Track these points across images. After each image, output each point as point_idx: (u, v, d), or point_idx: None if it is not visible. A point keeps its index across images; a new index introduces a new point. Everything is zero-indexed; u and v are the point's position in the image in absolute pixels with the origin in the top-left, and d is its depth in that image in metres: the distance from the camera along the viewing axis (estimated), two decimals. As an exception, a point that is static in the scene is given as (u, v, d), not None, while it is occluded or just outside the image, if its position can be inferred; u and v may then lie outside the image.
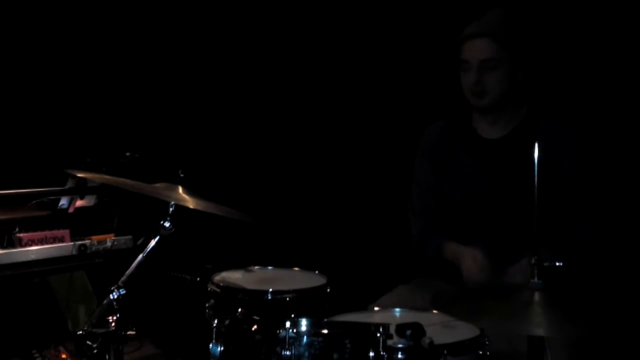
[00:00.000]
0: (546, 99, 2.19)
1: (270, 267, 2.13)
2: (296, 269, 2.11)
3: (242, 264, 2.11)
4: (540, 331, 1.33)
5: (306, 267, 2.09)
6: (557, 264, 1.42)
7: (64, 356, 2.72)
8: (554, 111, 2.06)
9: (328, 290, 1.91)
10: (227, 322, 1.47)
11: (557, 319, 1.34)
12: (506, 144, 2.04)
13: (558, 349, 1.71)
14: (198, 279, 2.63)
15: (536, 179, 1.47)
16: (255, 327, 1.45)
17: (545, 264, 1.41)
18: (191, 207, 1.74)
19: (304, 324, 1.41)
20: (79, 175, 1.81)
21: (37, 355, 2.75)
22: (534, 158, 1.46)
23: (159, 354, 3.00)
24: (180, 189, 1.88)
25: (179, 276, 2.77)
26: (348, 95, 3.06)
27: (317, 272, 2.04)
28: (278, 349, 1.40)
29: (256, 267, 2.12)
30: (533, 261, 1.41)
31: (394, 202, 2.40)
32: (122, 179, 1.84)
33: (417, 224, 2.16)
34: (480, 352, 1.52)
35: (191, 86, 3.46)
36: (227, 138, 3.38)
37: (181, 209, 1.83)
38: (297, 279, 2.00)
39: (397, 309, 1.76)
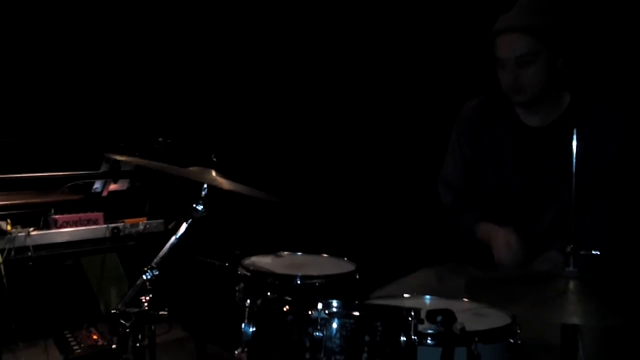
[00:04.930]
0: (589, 85, 2.10)
1: (299, 253, 2.15)
2: (325, 255, 2.12)
3: (270, 251, 2.13)
4: (574, 320, 1.31)
5: (335, 253, 2.10)
6: (594, 252, 1.39)
7: (95, 337, 2.78)
8: (598, 98, 1.98)
9: (357, 276, 1.92)
10: (259, 302, 1.49)
11: (591, 308, 1.32)
12: (550, 133, 1.98)
13: (590, 342, 1.69)
14: (227, 265, 2.66)
15: (574, 168, 1.44)
16: (287, 307, 1.46)
17: (581, 253, 1.39)
18: (225, 188, 1.75)
19: (335, 305, 1.42)
20: (115, 157, 1.84)
21: (69, 336, 2.81)
22: (574, 147, 1.43)
23: (187, 337, 3.04)
24: (213, 173, 1.89)
25: (208, 261, 2.80)
26: (377, 84, 3.05)
27: (346, 258, 2.05)
28: (310, 329, 1.41)
29: (285, 253, 2.13)
30: (569, 249, 1.39)
31: (424, 190, 2.38)
32: (156, 162, 1.86)
33: (450, 195, 2.13)
34: (512, 341, 1.51)
35: (223, 72, 3.49)
36: (259, 125, 3.39)
37: (213, 194, 1.84)
38: (326, 264, 2.01)
39: (427, 296, 1.76)
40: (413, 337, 1.39)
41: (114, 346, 1.68)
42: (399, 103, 2.98)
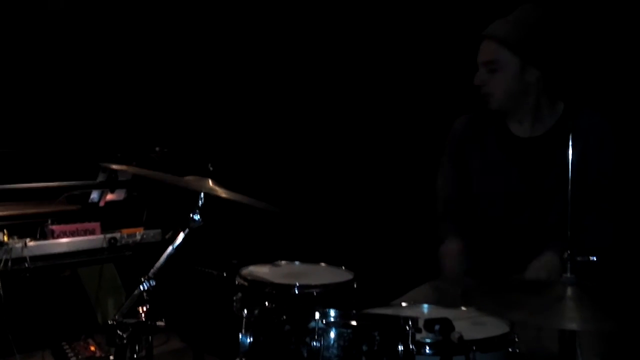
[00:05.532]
0: (583, 95, 2.11)
1: (297, 262, 2.14)
2: (323, 264, 2.11)
3: (268, 260, 2.12)
4: (572, 326, 1.31)
5: (333, 262, 2.09)
6: (591, 258, 1.39)
7: (92, 348, 2.77)
8: (591, 109, 1.98)
9: (355, 285, 1.91)
10: (256, 312, 1.48)
11: (589, 314, 1.32)
12: (543, 143, 1.98)
13: (588, 348, 1.68)
14: (224, 274, 2.65)
15: (570, 177, 1.44)
16: (284, 317, 1.45)
17: (578, 259, 1.39)
18: (222, 196, 1.75)
19: (333, 315, 1.42)
20: (112, 167, 1.84)
21: (66, 347, 2.80)
22: (569, 157, 1.43)
23: (185, 348, 3.03)
24: (210, 182, 1.89)
25: (205, 271, 2.79)
26: (376, 92, 3.06)
27: (343, 267, 2.04)
28: (307, 339, 1.40)
29: (283, 262, 2.13)
30: (566, 255, 1.39)
31: (422, 199, 2.39)
32: (153, 172, 1.86)
33: (441, 207, 2.17)
34: (510, 350, 1.50)
35: (219, 84, 3.50)
36: (256, 134, 3.40)
37: (210, 203, 1.84)
38: (324, 274, 2.00)
39: (425, 305, 1.75)
40: (411, 346, 1.39)
41: (111, 357, 1.67)
42: (397, 111, 2.99)
